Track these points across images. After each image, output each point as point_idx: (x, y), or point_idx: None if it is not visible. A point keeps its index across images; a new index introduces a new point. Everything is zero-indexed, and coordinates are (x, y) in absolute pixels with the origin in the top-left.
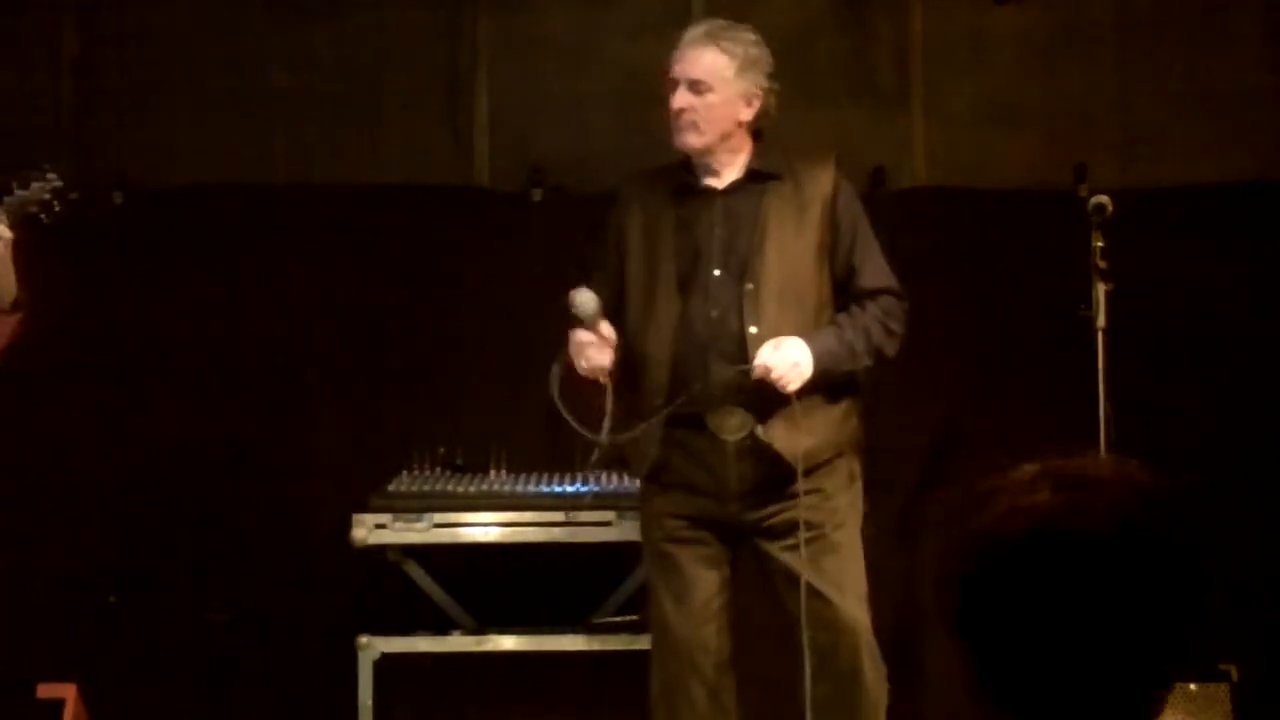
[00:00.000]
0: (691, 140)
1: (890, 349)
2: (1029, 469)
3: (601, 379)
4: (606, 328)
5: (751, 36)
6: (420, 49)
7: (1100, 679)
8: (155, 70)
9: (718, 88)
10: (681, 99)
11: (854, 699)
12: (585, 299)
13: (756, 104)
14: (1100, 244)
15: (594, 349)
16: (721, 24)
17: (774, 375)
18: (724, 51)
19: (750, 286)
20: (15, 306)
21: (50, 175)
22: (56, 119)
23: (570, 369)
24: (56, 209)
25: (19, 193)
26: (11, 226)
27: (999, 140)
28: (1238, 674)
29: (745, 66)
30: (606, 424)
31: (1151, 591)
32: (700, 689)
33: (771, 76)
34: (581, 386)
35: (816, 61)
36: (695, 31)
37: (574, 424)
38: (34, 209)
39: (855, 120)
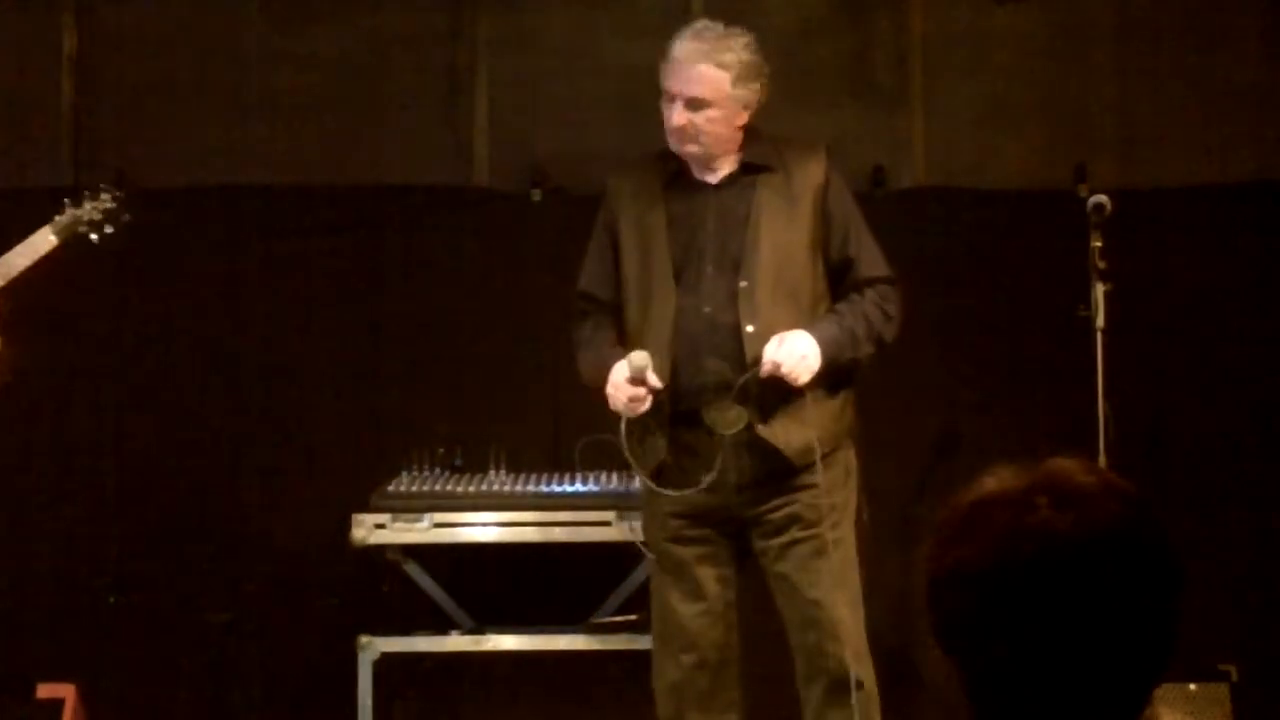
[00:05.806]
0: (691, 149)
1: (889, 334)
2: (1012, 479)
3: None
4: (653, 378)
5: (744, 40)
6: (420, 49)
7: (1097, 688)
8: (155, 70)
9: (717, 102)
10: (680, 116)
11: (845, 701)
12: (641, 359)
13: (753, 106)
14: (1099, 244)
15: (639, 402)
16: (713, 33)
17: (784, 371)
18: (721, 66)
19: (745, 284)
20: None
21: (104, 195)
22: (56, 119)
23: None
24: (108, 230)
25: (71, 211)
26: (61, 244)
27: (999, 140)
28: (1238, 674)
29: (742, 77)
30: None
31: (1150, 597)
32: (707, 683)
33: (765, 75)
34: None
35: (816, 61)
36: (688, 46)
37: (650, 483)
38: (84, 228)
39: (855, 120)
